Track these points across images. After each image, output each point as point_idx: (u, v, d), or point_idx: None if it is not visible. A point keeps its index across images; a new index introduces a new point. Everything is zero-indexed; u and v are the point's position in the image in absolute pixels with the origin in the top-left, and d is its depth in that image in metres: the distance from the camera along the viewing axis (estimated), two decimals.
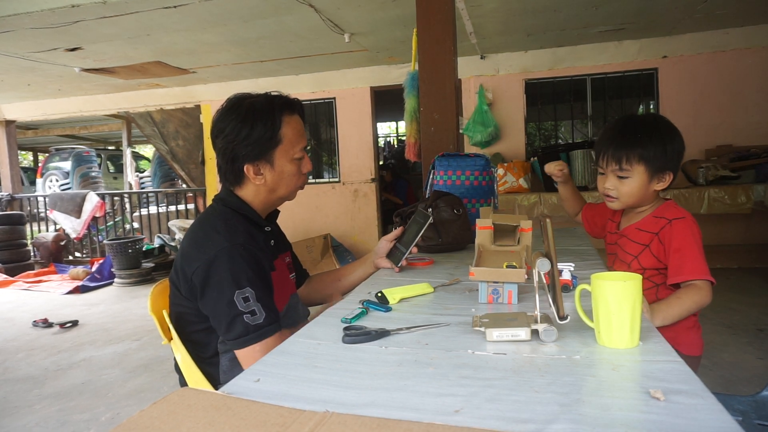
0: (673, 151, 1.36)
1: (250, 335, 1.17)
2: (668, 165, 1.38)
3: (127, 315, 4.56)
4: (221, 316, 1.19)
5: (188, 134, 7.61)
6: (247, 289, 1.18)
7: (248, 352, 1.18)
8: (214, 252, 1.20)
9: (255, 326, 1.17)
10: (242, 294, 1.18)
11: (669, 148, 1.36)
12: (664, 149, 1.36)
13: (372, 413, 0.65)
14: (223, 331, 1.20)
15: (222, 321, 1.19)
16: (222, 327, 1.20)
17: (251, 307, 1.18)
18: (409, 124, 3.01)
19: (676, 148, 1.37)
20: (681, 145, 1.38)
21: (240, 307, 1.17)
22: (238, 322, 1.17)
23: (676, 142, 1.37)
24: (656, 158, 1.36)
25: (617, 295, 0.84)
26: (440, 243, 1.83)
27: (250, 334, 1.17)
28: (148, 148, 15.31)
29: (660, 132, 1.37)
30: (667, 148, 1.36)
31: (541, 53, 5.54)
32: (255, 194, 1.35)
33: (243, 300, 1.18)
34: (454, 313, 1.08)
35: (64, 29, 4.05)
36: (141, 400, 2.77)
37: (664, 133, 1.37)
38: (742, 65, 5.08)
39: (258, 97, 1.32)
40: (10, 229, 6.72)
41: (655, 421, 0.61)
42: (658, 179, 1.39)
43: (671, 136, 1.37)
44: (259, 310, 1.18)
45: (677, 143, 1.37)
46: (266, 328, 1.18)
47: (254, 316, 1.18)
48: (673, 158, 1.37)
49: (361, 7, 3.92)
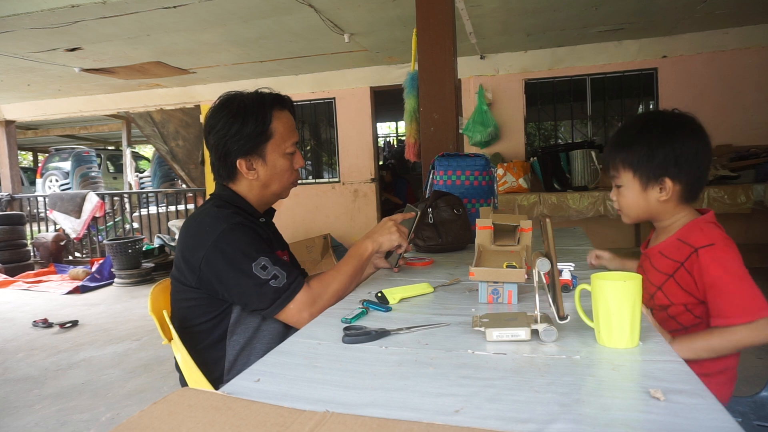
0: (667, 154, 1.15)
1: (282, 296, 1.21)
2: (660, 171, 1.17)
3: (127, 315, 4.56)
4: (249, 292, 1.21)
5: (188, 134, 7.61)
6: (261, 258, 1.22)
7: (288, 312, 1.22)
8: (216, 235, 1.23)
9: (283, 287, 1.21)
10: (259, 264, 1.21)
11: (659, 151, 1.16)
12: (651, 152, 1.16)
13: (372, 413, 0.65)
14: (256, 303, 1.22)
15: (252, 295, 1.22)
16: (253, 300, 1.22)
17: (272, 272, 1.21)
18: (409, 124, 3.01)
19: (671, 151, 1.15)
20: (684, 148, 1.16)
21: (263, 276, 1.21)
22: (267, 290, 1.21)
23: (672, 144, 1.16)
24: (641, 163, 1.18)
25: (617, 295, 0.84)
26: (440, 243, 1.83)
27: (282, 295, 1.21)
28: (148, 148, 15.31)
29: (649, 132, 1.18)
30: (656, 151, 1.16)
31: (540, 53, 5.54)
32: (248, 189, 1.37)
33: (262, 269, 1.21)
34: (454, 313, 1.08)
35: (63, 29, 4.05)
36: (141, 400, 2.77)
37: (655, 133, 1.17)
38: (741, 65, 5.08)
39: (248, 94, 1.35)
40: (10, 229, 6.72)
41: (655, 421, 0.61)
42: (654, 188, 1.19)
43: (666, 136, 1.17)
44: (279, 272, 1.22)
45: (675, 145, 1.16)
46: (294, 284, 1.23)
47: (278, 279, 1.21)
48: (666, 163, 1.16)
49: (361, 7, 3.92)
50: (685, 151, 1.16)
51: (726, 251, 1.11)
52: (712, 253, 1.11)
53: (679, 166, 1.16)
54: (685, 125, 1.18)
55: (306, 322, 1.03)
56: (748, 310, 1.04)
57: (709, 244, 1.12)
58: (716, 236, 1.14)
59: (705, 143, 1.18)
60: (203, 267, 1.23)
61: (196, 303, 1.29)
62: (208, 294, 1.27)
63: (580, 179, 4.89)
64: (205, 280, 1.25)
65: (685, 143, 1.16)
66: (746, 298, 1.05)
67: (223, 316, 1.29)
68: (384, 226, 1.41)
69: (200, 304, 1.29)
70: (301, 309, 1.23)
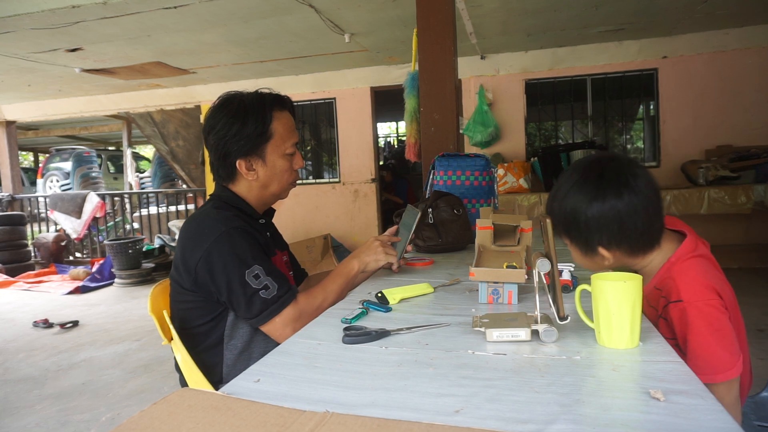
0: (593, 222, 1.04)
1: (270, 308, 1.21)
2: (590, 243, 1.08)
3: (128, 315, 4.56)
4: (238, 298, 1.21)
5: (188, 134, 7.61)
6: (255, 266, 1.22)
7: (273, 325, 1.22)
8: (213, 238, 1.22)
9: (272, 299, 1.21)
10: (252, 272, 1.21)
11: (582, 218, 1.05)
12: (574, 226, 1.07)
13: (372, 413, 0.65)
14: (244, 311, 1.22)
15: (240, 302, 1.22)
16: (241, 308, 1.22)
17: (263, 282, 1.21)
18: (409, 125, 3.01)
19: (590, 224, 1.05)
20: (602, 218, 1.03)
21: (254, 285, 1.21)
22: (256, 300, 1.20)
23: (587, 217, 1.04)
24: (570, 231, 1.10)
25: (617, 296, 0.84)
26: (440, 243, 1.83)
27: (270, 307, 1.21)
28: (148, 148, 15.32)
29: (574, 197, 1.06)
30: (579, 217, 1.06)
31: (541, 53, 5.54)
32: (248, 190, 1.37)
33: (254, 278, 1.21)
34: (454, 314, 1.08)
35: (64, 30, 4.05)
36: (141, 400, 2.77)
37: (579, 198, 1.06)
38: (742, 65, 5.08)
39: (248, 94, 1.34)
40: (10, 229, 6.73)
41: (655, 421, 0.61)
42: (593, 256, 1.10)
43: (591, 202, 1.04)
44: (271, 283, 1.22)
45: (591, 217, 1.04)
46: (283, 297, 1.22)
47: (268, 290, 1.21)
48: (590, 237, 1.06)
49: (361, 7, 3.92)
50: (611, 216, 1.03)
51: (694, 310, 1.00)
52: (680, 311, 1.02)
53: (610, 232, 1.05)
54: (606, 185, 1.04)
55: (288, 337, 1.00)
56: (715, 370, 0.97)
57: (676, 300, 1.03)
58: (685, 286, 1.02)
59: (637, 198, 1.02)
60: (199, 269, 1.23)
61: (194, 305, 1.29)
62: (204, 296, 1.27)
63: None
64: (200, 283, 1.25)
65: (607, 207, 1.03)
66: (713, 359, 0.98)
67: (219, 318, 1.29)
68: (370, 246, 1.39)
69: (197, 306, 1.29)
70: (285, 324, 1.22)
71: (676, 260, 1.08)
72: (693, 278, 1.04)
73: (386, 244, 1.41)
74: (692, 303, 1.00)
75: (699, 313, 0.99)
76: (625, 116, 5.69)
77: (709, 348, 0.98)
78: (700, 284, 1.02)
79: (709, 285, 1.02)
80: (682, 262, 1.07)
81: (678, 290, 1.03)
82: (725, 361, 0.98)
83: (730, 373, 0.98)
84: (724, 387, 0.99)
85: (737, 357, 0.99)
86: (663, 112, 5.30)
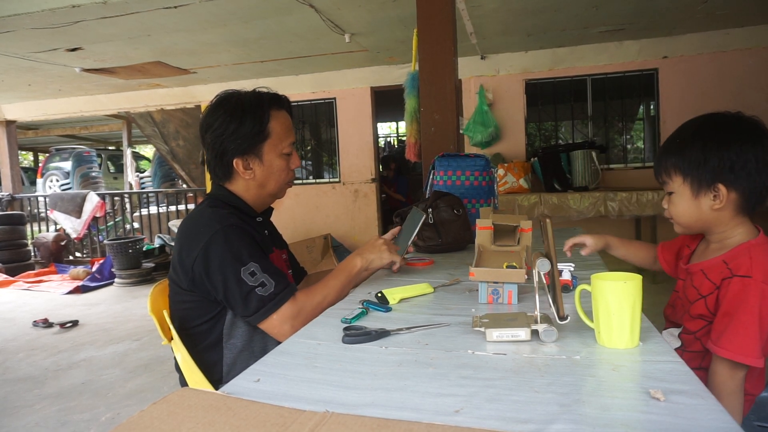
0: (721, 158, 1.07)
1: (267, 306, 1.20)
2: (714, 176, 1.08)
3: (128, 315, 4.56)
4: (235, 296, 1.21)
5: (188, 134, 7.61)
6: (250, 264, 1.21)
7: (271, 322, 1.21)
8: (209, 236, 1.22)
9: (269, 296, 1.20)
10: (248, 270, 1.20)
11: (713, 155, 1.07)
12: (704, 156, 1.08)
13: (372, 413, 0.65)
14: (240, 309, 1.22)
15: (237, 300, 1.21)
16: (238, 306, 1.22)
17: (260, 279, 1.21)
18: (410, 125, 3.01)
19: (726, 155, 1.06)
20: (742, 153, 1.06)
21: (250, 283, 1.20)
22: (252, 298, 1.20)
23: (728, 148, 1.07)
24: (692, 167, 1.10)
25: (617, 296, 0.84)
26: (440, 243, 1.83)
27: (267, 304, 1.20)
28: (148, 148, 15.31)
29: (703, 135, 1.10)
30: (710, 154, 1.08)
31: (541, 53, 5.54)
32: (245, 189, 1.37)
33: (250, 275, 1.20)
34: (454, 313, 1.08)
35: (64, 29, 4.05)
36: (141, 400, 2.77)
37: (710, 136, 1.09)
38: (742, 66, 5.08)
39: (246, 93, 1.34)
40: (10, 229, 6.72)
41: (655, 421, 0.61)
42: (706, 195, 1.10)
43: (722, 140, 1.08)
44: (267, 280, 1.21)
45: (732, 149, 1.06)
46: (280, 294, 1.22)
47: (265, 287, 1.20)
48: (720, 167, 1.07)
49: (362, 7, 3.92)
50: (742, 156, 1.06)
51: (758, 288, 1.02)
52: (743, 285, 1.04)
53: (734, 171, 1.07)
54: (746, 129, 1.09)
55: (288, 335, 0.99)
56: (743, 351, 1.00)
57: (746, 275, 1.04)
58: (761, 267, 1.04)
59: None
60: (195, 268, 1.23)
61: (192, 305, 1.29)
62: (201, 296, 1.27)
63: (581, 180, 4.88)
64: (197, 282, 1.24)
65: (743, 148, 1.06)
66: (749, 341, 1.00)
67: (218, 318, 1.28)
68: (374, 244, 1.40)
69: (195, 306, 1.29)
70: (283, 321, 1.21)
71: (757, 243, 1.10)
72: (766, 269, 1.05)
73: (390, 243, 1.42)
74: (760, 283, 1.02)
75: (761, 294, 1.02)
76: (626, 116, 5.69)
77: (752, 328, 1.00)
78: None
79: None
80: (763, 246, 1.09)
81: (751, 267, 1.04)
82: (755, 347, 1.00)
83: (747, 359, 0.99)
84: (729, 368, 1.02)
85: (761, 353, 1.00)
86: (663, 112, 5.30)
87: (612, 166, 5.52)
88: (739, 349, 1.00)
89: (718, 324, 1.06)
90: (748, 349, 1.00)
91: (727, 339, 1.02)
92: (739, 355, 1.00)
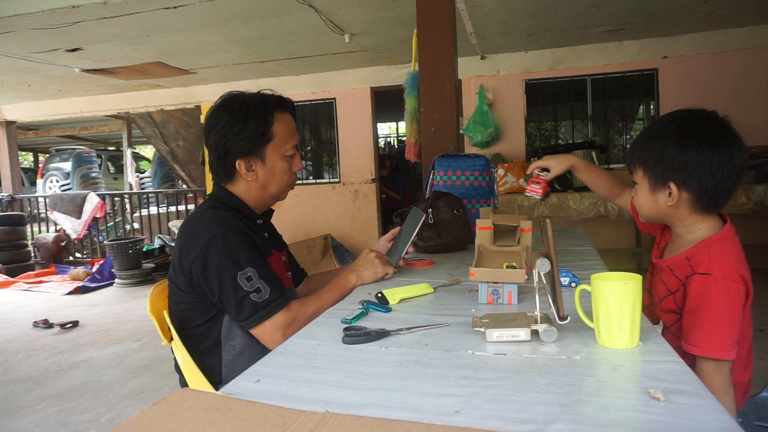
0: (677, 158, 1.08)
1: (260, 312, 1.20)
2: (667, 174, 1.10)
3: (128, 315, 4.56)
4: (229, 299, 1.21)
5: (189, 135, 7.61)
6: (248, 268, 1.21)
7: (263, 329, 1.21)
8: (208, 238, 1.22)
9: (263, 303, 1.20)
10: (244, 274, 1.20)
11: (670, 154, 1.09)
12: (662, 153, 1.10)
13: (372, 414, 0.65)
14: (234, 313, 1.22)
15: (231, 303, 1.21)
16: (232, 309, 1.22)
17: (255, 285, 1.21)
18: (410, 125, 3.01)
19: (682, 155, 1.08)
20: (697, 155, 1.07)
21: (245, 288, 1.20)
22: (246, 303, 1.20)
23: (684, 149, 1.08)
24: (650, 162, 1.13)
25: (617, 296, 0.84)
26: (440, 243, 1.83)
27: (260, 311, 1.20)
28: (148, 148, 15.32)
29: (666, 133, 1.11)
30: (666, 151, 1.09)
31: (541, 53, 5.54)
32: (247, 191, 1.37)
33: (246, 280, 1.20)
34: (454, 314, 1.08)
35: (64, 30, 4.05)
36: (141, 400, 2.77)
37: (672, 134, 1.10)
38: (742, 65, 5.08)
39: (250, 94, 1.34)
40: (10, 229, 6.73)
41: (655, 421, 0.61)
42: (662, 191, 1.13)
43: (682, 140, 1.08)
44: (263, 286, 1.21)
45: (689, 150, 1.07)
46: (274, 302, 1.22)
47: (260, 294, 1.20)
48: (674, 167, 1.09)
49: (362, 8, 3.92)
50: (696, 158, 1.07)
51: (719, 285, 1.04)
52: (704, 282, 1.06)
53: (687, 172, 1.08)
54: (708, 131, 1.08)
55: (278, 343, 0.97)
56: (711, 346, 1.01)
57: (705, 273, 1.07)
58: (719, 263, 1.06)
59: (728, 156, 1.07)
60: (193, 270, 1.23)
61: (190, 306, 1.29)
62: (199, 297, 1.27)
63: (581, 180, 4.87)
64: (195, 283, 1.25)
65: (699, 149, 1.07)
66: (715, 335, 1.02)
67: (216, 319, 1.28)
68: (367, 258, 1.42)
69: (193, 307, 1.29)
70: (275, 329, 1.21)
71: (717, 239, 1.11)
72: (728, 258, 1.08)
73: (382, 256, 1.44)
74: (719, 279, 1.05)
75: (722, 289, 1.04)
76: (626, 116, 5.69)
77: (718, 323, 1.02)
78: (731, 266, 1.06)
79: (739, 270, 1.06)
80: (723, 240, 1.11)
81: (709, 264, 1.07)
82: (725, 341, 1.01)
83: (717, 353, 1.01)
84: (713, 366, 1.03)
85: (735, 345, 1.03)
86: (663, 112, 5.30)
87: (612, 166, 5.52)
88: (708, 345, 1.02)
89: (686, 321, 1.09)
90: (716, 344, 1.02)
91: (696, 336, 1.04)
92: (709, 350, 1.02)
